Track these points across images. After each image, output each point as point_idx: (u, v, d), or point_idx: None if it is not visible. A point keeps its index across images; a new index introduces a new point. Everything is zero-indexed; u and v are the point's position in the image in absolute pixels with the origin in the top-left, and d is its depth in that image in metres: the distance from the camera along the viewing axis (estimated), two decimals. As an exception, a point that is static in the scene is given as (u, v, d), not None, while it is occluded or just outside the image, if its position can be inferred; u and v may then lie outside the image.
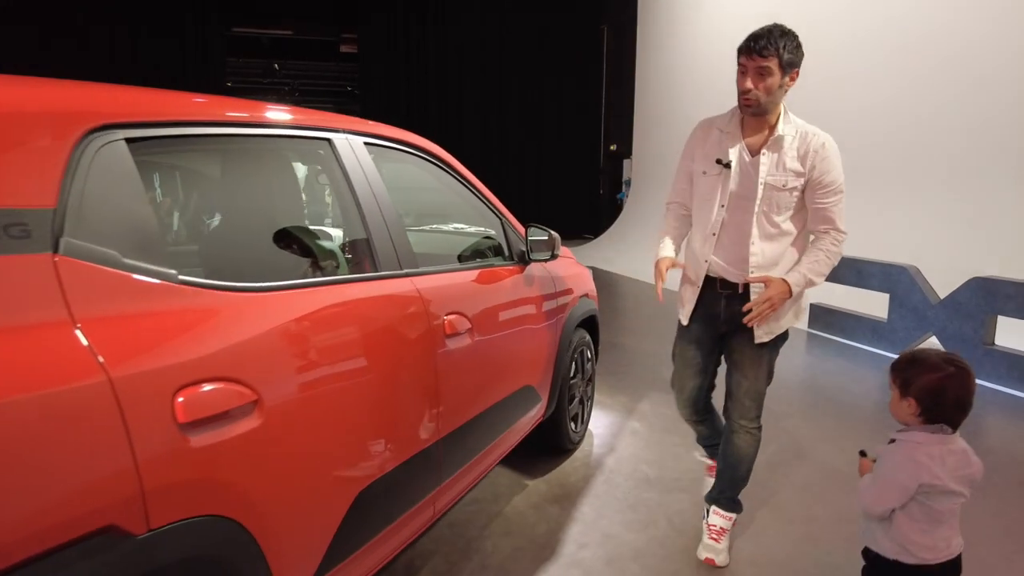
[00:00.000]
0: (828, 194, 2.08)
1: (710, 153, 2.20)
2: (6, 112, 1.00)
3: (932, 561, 1.58)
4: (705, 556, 2.31)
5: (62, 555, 0.90)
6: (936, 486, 1.53)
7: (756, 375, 2.23)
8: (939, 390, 1.56)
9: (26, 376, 0.89)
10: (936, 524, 1.57)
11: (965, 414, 1.58)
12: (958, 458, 1.56)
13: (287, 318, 1.34)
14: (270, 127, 1.55)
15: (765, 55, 1.98)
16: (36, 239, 0.97)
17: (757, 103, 2.03)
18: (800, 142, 2.08)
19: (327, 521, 1.44)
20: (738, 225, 2.15)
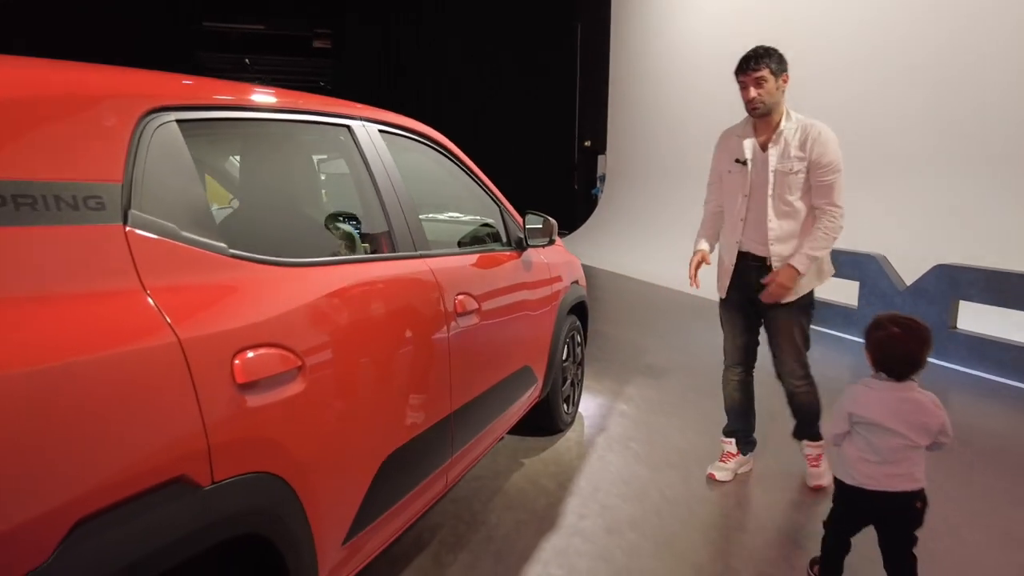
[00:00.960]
0: (826, 172, 2.51)
1: (731, 155, 2.69)
2: (81, 94, 1.07)
3: (869, 487, 1.84)
4: (815, 483, 2.75)
5: (144, 500, 0.98)
6: (864, 418, 1.85)
7: (791, 338, 2.66)
8: (885, 346, 1.86)
9: (110, 336, 0.97)
10: (879, 459, 1.84)
11: (912, 367, 1.84)
12: (905, 405, 1.83)
13: (323, 292, 1.43)
14: (300, 113, 1.63)
15: (758, 68, 2.51)
16: (109, 211, 1.04)
17: (762, 105, 2.53)
18: (801, 133, 2.53)
19: (357, 485, 1.53)
20: (758, 208, 2.61)
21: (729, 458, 2.89)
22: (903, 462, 1.83)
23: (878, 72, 7.05)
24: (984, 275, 4.65)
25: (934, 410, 1.83)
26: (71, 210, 0.99)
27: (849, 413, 1.89)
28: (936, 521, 2.54)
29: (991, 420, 3.69)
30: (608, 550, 2.31)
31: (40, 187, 0.96)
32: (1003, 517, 2.59)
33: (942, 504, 2.69)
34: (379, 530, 1.65)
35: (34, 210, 0.94)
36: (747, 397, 2.89)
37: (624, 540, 2.37)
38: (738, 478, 2.89)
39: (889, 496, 1.84)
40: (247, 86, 1.50)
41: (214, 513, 1.09)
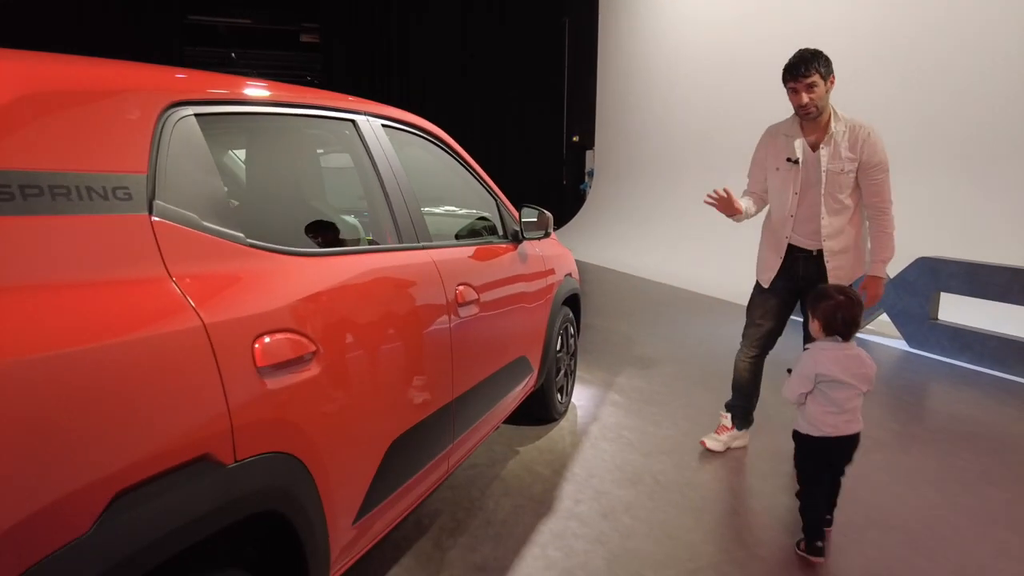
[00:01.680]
0: (877, 171, 2.67)
1: (780, 153, 2.80)
2: (107, 89, 1.12)
3: (832, 435, 2.20)
4: None
5: (173, 476, 1.03)
6: (827, 376, 2.18)
7: None
8: (833, 312, 2.20)
9: (142, 320, 1.02)
10: (838, 410, 2.18)
11: (853, 328, 2.21)
12: (852, 360, 2.19)
13: (334, 281, 1.48)
14: (309, 108, 1.68)
15: (809, 74, 2.57)
16: (136, 201, 1.09)
17: (815, 109, 2.63)
18: (851, 134, 2.66)
19: (367, 467, 1.58)
20: (809, 205, 2.75)
21: (723, 431, 3.09)
22: (854, 409, 2.20)
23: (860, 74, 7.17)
24: (964, 267, 4.77)
25: (870, 362, 2.22)
26: (101, 200, 1.04)
27: (816, 374, 2.19)
28: (917, 501, 2.66)
29: (969, 407, 3.81)
30: (604, 533, 2.38)
31: (73, 178, 1.00)
32: (978, 496, 2.70)
33: (922, 485, 2.81)
34: (387, 511, 1.71)
35: (68, 200, 0.99)
36: (755, 377, 3.05)
37: (619, 523, 2.45)
38: (730, 462, 2.97)
39: (846, 439, 2.22)
40: (260, 81, 1.54)
41: (237, 490, 1.15)
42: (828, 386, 2.18)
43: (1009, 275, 4.46)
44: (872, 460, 3.06)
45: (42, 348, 0.87)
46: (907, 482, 2.84)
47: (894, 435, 3.42)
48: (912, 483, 2.83)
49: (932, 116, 6.46)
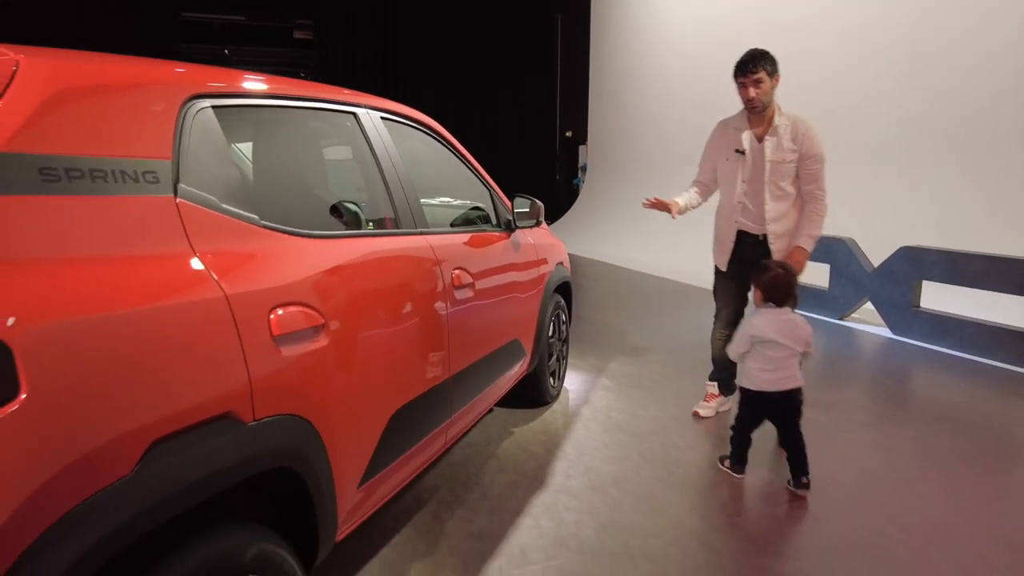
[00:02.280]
0: (814, 162, 2.95)
1: (729, 145, 3.08)
2: (136, 83, 1.23)
3: (767, 389, 2.58)
4: None
5: (201, 430, 1.15)
6: (763, 337, 2.57)
7: None
8: (772, 283, 2.61)
9: (173, 289, 1.14)
10: (773, 367, 2.57)
11: (789, 296, 2.61)
12: (787, 324, 2.58)
13: (341, 260, 1.60)
14: (314, 101, 1.79)
15: (756, 70, 2.86)
16: (163, 185, 1.21)
17: (760, 104, 2.90)
18: (792, 128, 2.94)
19: (370, 434, 1.71)
20: (755, 193, 3.03)
21: (712, 398, 3.45)
22: (789, 368, 2.58)
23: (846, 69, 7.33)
24: (945, 256, 4.92)
25: (805, 325, 2.61)
26: (133, 183, 1.15)
27: (751, 336, 2.60)
28: (891, 476, 2.80)
29: (946, 390, 3.96)
30: (593, 505, 2.51)
31: (108, 163, 1.12)
32: (949, 471, 2.84)
33: (897, 462, 2.95)
34: (389, 477, 1.83)
35: (105, 182, 1.11)
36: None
37: (608, 496, 2.58)
38: (714, 441, 3.11)
39: (782, 394, 2.58)
40: (270, 77, 1.66)
41: (255, 446, 1.27)
42: (764, 346, 2.58)
43: (987, 263, 4.61)
44: (850, 439, 3.21)
45: (91, 311, 0.99)
46: (883, 459, 2.98)
47: (873, 416, 3.56)
48: (888, 460, 2.97)
49: (915, 110, 6.61)
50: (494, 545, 2.24)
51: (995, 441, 3.20)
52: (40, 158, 1.02)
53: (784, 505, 2.54)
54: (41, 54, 1.14)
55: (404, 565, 2.11)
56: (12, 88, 1.03)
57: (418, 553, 2.18)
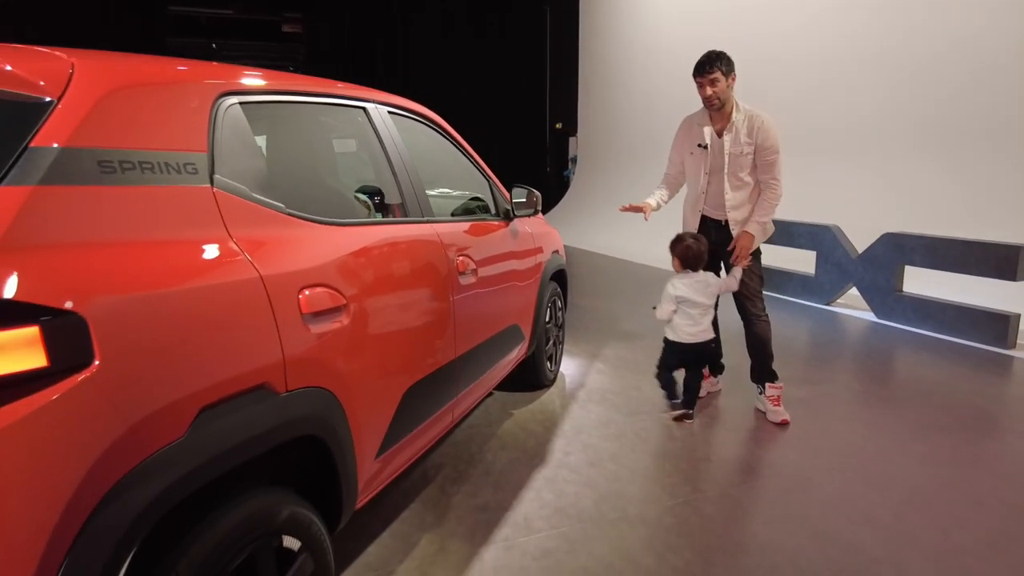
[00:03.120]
0: (769, 154, 3.13)
1: (692, 140, 3.30)
2: (171, 80, 1.34)
3: (689, 342, 3.16)
4: (780, 419, 3.25)
5: (241, 399, 1.27)
6: (683, 297, 3.12)
7: (748, 277, 3.26)
8: (686, 252, 3.14)
9: (216, 269, 1.25)
10: (693, 323, 3.14)
11: (700, 262, 3.13)
12: (700, 284, 3.13)
13: (358, 246, 1.72)
14: (329, 97, 1.90)
15: (712, 71, 3.08)
16: (201, 175, 1.31)
17: (717, 100, 3.11)
18: (748, 123, 3.13)
19: (387, 408, 1.83)
20: (717, 183, 3.25)
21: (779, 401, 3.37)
22: (705, 322, 3.15)
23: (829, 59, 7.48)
24: (925, 242, 5.09)
25: (715, 281, 3.16)
26: (176, 174, 1.26)
27: (675, 297, 3.14)
28: (871, 447, 2.96)
29: (927, 369, 4.13)
30: (591, 478, 2.65)
31: (154, 155, 1.23)
32: (926, 442, 3.00)
33: (877, 435, 3.11)
34: (403, 450, 1.95)
35: (153, 173, 1.21)
36: (715, 331, 3.40)
37: (605, 470, 2.72)
38: (704, 419, 3.26)
39: (700, 344, 3.17)
40: (288, 74, 1.77)
41: (288, 414, 1.38)
42: (685, 304, 3.13)
43: (964, 248, 4.78)
44: (834, 415, 3.36)
45: (148, 288, 1.10)
46: (864, 432, 3.14)
47: (855, 394, 3.72)
48: (868, 433, 3.13)
49: (897, 100, 6.77)
50: (499, 516, 2.37)
51: (971, 415, 3.37)
52: (98, 152, 1.12)
53: (772, 478, 2.69)
54: (91, 56, 1.24)
55: (415, 535, 2.24)
56: (71, 89, 1.13)
57: (427, 524, 2.31)
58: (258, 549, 1.30)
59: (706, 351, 3.21)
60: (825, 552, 2.16)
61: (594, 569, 2.05)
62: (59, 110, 1.11)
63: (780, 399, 3.30)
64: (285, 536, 1.37)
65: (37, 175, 1.03)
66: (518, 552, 2.15)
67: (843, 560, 2.12)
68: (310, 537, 1.45)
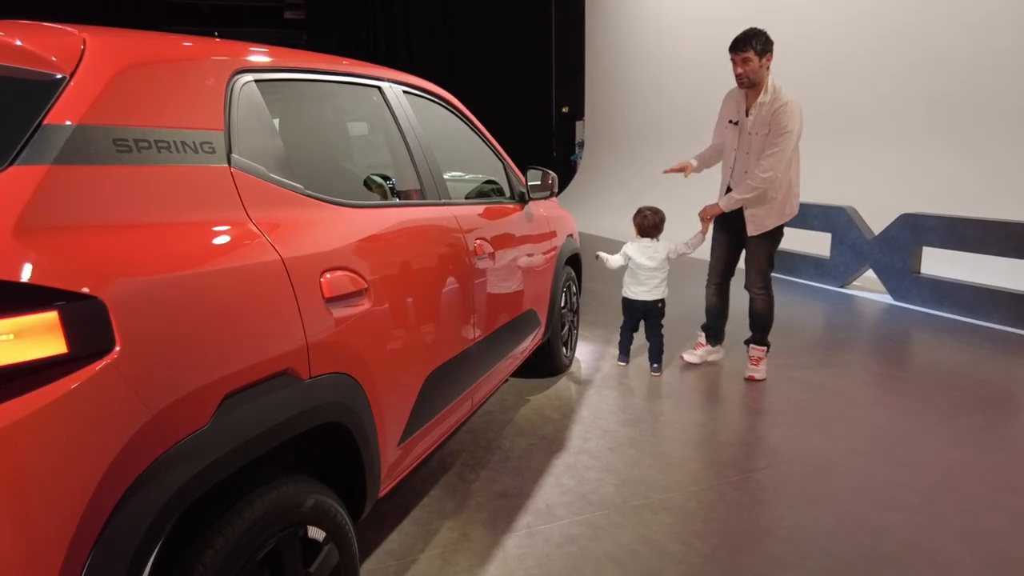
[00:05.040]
0: (775, 136, 3.16)
1: (728, 115, 3.42)
2: (186, 57, 1.29)
3: (638, 298, 3.59)
4: (748, 374, 3.54)
5: (265, 385, 1.23)
6: (633, 259, 3.56)
7: (758, 257, 3.43)
8: (642, 222, 3.58)
9: (236, 251, 1.20)
10: (640, 283, 3.56)
11: (656, 230, 3.55)
12: (650, 250, 3.53)
13: (378, 229, 1.67)
14: (344, 75, 1.85)
15: (745, 49, 3.09)
16: (218, 155, 1.26)
17: (747, 80, 3.16)
18: (771, 105, 3.15)
19: (409, 394, 1.79)
20: (743, 159, 3.33)
21: (699, 347, 3.80)
22: (651, 284, 3.54)
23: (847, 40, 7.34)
24: (944, 222, 5.00)
25: (662, 250, 3.52)
26: (193, 153, 1.21)
27: (626, 254, 3.60)
28: (896, 430, 2.91)
29: (947, 351, 4.07)
30: (612, 464, 2.61)
31: (170, 134, 1.18)
32: (951, 425, 2.95)
33: (901, 418, 3.06)
34: (425, 436, 1.91)
35: (170, 152, 1.17)
36: (722, 302, 3.70)
37: (625, 456, 2.68)
38: (725, 404, 3.21)
39: (648, 302, 3.57)
40: (302, 52, 1.71)
41: (312, 401, 1.34)
42: (636, 266, 3.56)
43: (984, 228, 4.70)
44: (855, 398, 3.31)
45: (168, 271, 1.05)
46: (887, 415, 3.09)
47: (876, 377, 3.67)
48: (891, 416, 3.08)
49: (914, 79, 6.64)
50: (520, 502, 2.34)
51: (996, 397, 3.31)
52: (113, 130, 1.07)
53: (796, 462, 2.64)
54: (102, 32, 1.19)
55: (436, 522, 2.21)
56: (83, 65, 1.08)
57: (448, 511, 2.28)
58: (283, 539, 1.26)
59: (651, 309, 3.58)
60: (854, 536, 2.12)
61: (619, 556, 2.02)
62: (72, 87, 1.06)
63: (760, 361, 3.55)
64: (310, 527, 1.34)
65: (52, 154, 0.98)
66: (541, 539, 2.12)
67: (873, 544, 2.08)
68: (335, 527, 1.41)
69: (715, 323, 3.75)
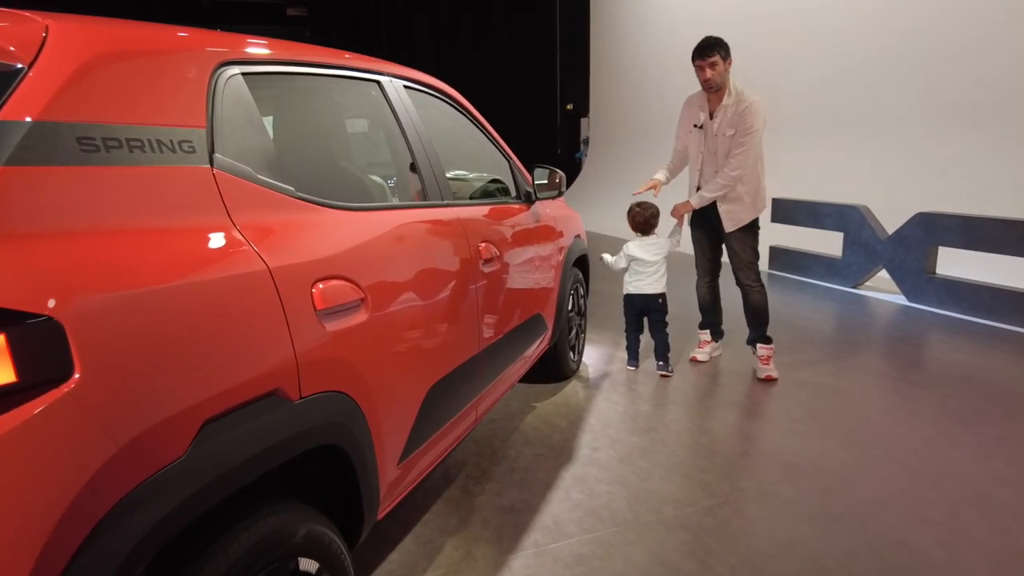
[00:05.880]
0: (742, 135, 3.28)
1: (691, 120, 3.50)
2: (165, 49, 1.18)
3: (639, 293, 3.57)
4: (765, 375, 3.52)
5: (249, 408, 1.12)
6: (634, 256, 3.54)
7: (741, 250, 3.48)
8: (635, 219, 3.59)
9: (216, 262, 1.09)
10: (640, 278, 3.55)
11: (646, 226, 3.56)
12: (648, 246, 3.54)
13: (376, 233, 1.56)
14: (340, 68, 1.73)
15: (712, 55, 3.22)
16: (199, 154, 1.15)
17: (715, 84, 3.27)
18: (735, 107, 3.27)
19: (409, 410, 1.67)
20: (710, 162, 3.46)
21: (705, 344, 3.84)
22: (653, 278, 3.54)
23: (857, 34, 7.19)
24: (960, 221, 4.86)
25: (662, 243, 3.55)
26: (170, 152, 1.10)
27: (627, 255, 3.57)
28: (915, 439, 2.80)
29: (964, 354, 3.94)
30: (623, 476, 2.50)
31: (145, 131, 1.07)
32: (974, 433, 2.83)
33: (920, 425, 2.94)
34: (426, 453, 1.80)
35: (143, 152, 1.05)
36: (714, 297, 3.77)
37: (636, 467, 2.57)
38: (737, 410, 3.10)
39: (649, 296, 3.55)
40: (295, 44, 1.60)
41: (303, 424, 1.23)
42: (636, 263, 3.55)
43: (1003, 227, 4.56)
44: (872, 403, 3.19)
45: (138, 284, 0.94)
46: (906, 423, 2.97)
47: (892, 381, 3.55)
48: (910, 423, 2.96)
49: (930, 75, 6.49)
50: (527, 518, 2.23)
51: (1019, 404, 3.18)
52: (78, 127, 0.96)
53: (814, 473, 2.53)
54: (68, 19, 1.08)
55: (438, 540, 2.10)
56: (44, 55, 0.98)
57: (451, 528, 2.17)
58: (272, 574, 1.16)
59: (652, 303, 3.56)
60: (879, 555, 2.01)
61: (632, 578, 1.91)
62: (30, 78, 0.95)
63: (770, 359, 3.54)
64: (302, 558, 1.23)
65: (3, 153, 0.87)
66: (549, 559, 2.01)
67: (899, 564, 1.96)
68: (329, 556, 1.30)
69: (712, 318, 3.81)
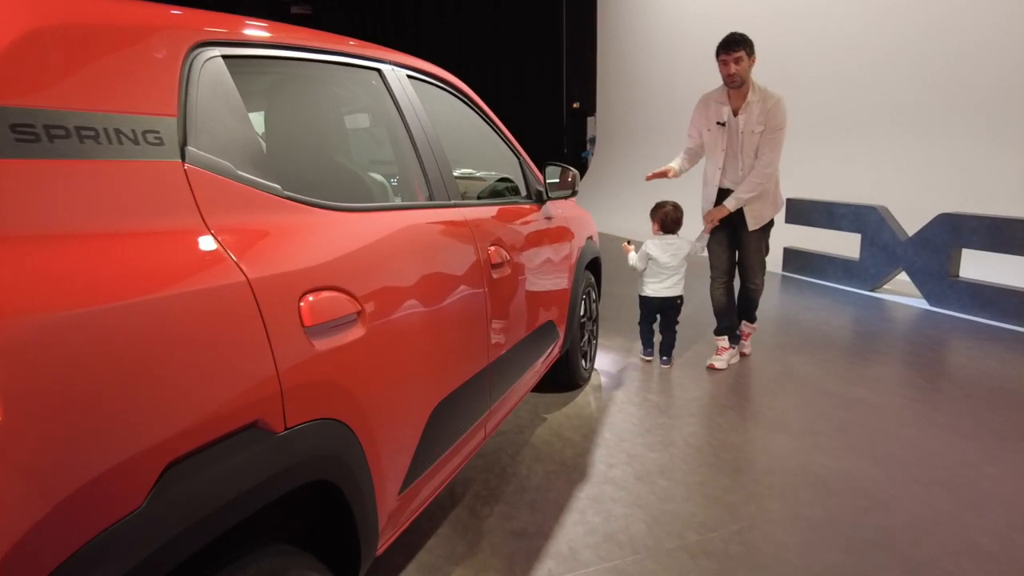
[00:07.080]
0: (772, 131, 3.28)
1: (711, 117, 3.43)
2: (128, 24, 1.01)
3: (657, 295, 3.58)
4: (743, 351, 3.83)
5: (223, 445, 0.95)
6: (655, 257, 3.52)
7: (759, 251, 3.57)
8: (664, 218, 3.56)
9: (183, 274, 0.93)
10: (661, 280, 3.56)
11: (674, 225, 3.56)
12: (672, 247, 3.53)
13: (375, 237, 1.39)
14: (335, 55, 1.56)
15: (737, 50, 3.20)
16: (168, 147, 0.99)
17: (739, 79, 3.24)
18: (762, 103, 3.27)
19: (411, 434, 1.51)
20: (734, 159, 3.43)
21: (723, 351, 3.71)
22: (671, 281, 3.55)
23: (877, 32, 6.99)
24: (985, 222, 4.67)
25: (685, 245, 3.54)
26: (132, 144, 0.94)
27: (648, 255, 3.55)
28: (954, 456, 2.61)
29: (995, 362, 3.75)
30: (641, 496, 2.33)
31: (101, 119, 0.90)
32: (1017, 450, 2.64)
33: (957, 441, 2.76)
34: (430, 479, 1.64)
35: (98, 143, 0.89)
36: (730, 299, 3.71)
37: (656, 486, 2.40)
38: (760, 422, 2.92)
39: (667, 299, 3.58)
40: (285, 25, 1.43)
41: (288, 459, 1.07)
42: (655, 264, 3.54)
43: (1033, 228, 4.37)
44: (904, 418, 3.01)
45: (84, 303, 0.78)
46: (942, 438, 2.78)
47: (922, 392, 3.36)
48: (947, 439, 2.78)
49: (949, 71, 6.30)
50: (540, 544, 2.06)
51: (1060, 417, 3.00)
52: (12, 112, 0.80)
53: (847, 493, 2.35)
54: (7, -14, 0.91)
55: (445, 568, 1.94)
56: (-28, 24, 0.81)
57: (458, 555, 2.01)
58: (254, 633, 0.99)
59: (670, 305, 3.60)
60: (926, 591, 1.83)
61: (657, 615, 1.74)
62: (-48, 54, 0.78)
63: (750, 336, 3.85)
64: (289, 613, 1.06)
65: (-90, 144, 0.71)
66: (565, 592, 1.84)
67: (949, 602, 1.79)
68: (320, 605, 1.14)
69: (729, 322, 3.74)
